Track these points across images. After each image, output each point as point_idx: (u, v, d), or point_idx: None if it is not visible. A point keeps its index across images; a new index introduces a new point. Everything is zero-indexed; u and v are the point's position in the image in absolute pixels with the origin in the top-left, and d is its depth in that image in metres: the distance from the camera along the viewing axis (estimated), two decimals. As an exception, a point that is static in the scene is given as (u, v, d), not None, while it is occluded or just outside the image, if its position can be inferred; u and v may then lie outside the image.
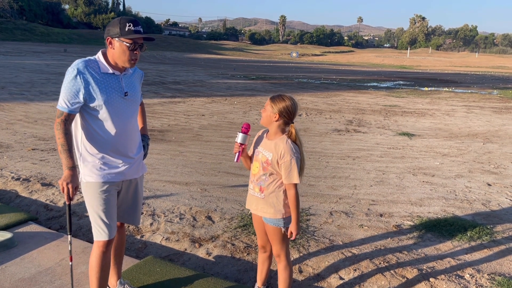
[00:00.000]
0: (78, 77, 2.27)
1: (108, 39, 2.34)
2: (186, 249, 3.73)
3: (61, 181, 2.26)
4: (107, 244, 2.48)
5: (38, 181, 5.22)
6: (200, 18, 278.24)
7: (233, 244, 3.77)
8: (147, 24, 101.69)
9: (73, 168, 2.29)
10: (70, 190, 2.26)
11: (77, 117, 2.41)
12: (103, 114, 2.36)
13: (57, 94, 13.49)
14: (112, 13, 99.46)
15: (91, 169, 2.42)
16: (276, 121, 2.50)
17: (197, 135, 8.67)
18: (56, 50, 45.41)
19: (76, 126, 2.44)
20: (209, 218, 4.36)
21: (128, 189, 2.61)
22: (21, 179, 5.27)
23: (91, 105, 2.33)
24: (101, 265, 2.49)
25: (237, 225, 4.17)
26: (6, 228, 3.80)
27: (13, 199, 4.78)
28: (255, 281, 3.06)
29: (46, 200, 4.72)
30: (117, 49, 2.33)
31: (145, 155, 2.73)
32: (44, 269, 3.18)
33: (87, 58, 2.38)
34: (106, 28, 2.38)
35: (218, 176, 5.83)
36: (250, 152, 2.71)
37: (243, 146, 2.60)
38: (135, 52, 2.35)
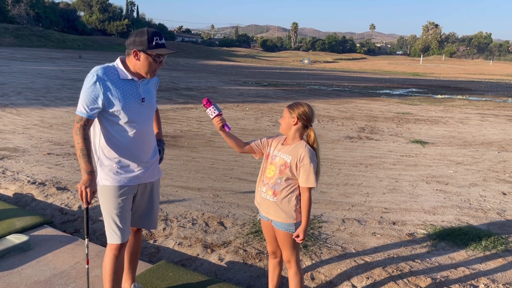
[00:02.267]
0: (97, 83, 2.31)
1: (134, 51, 2.36)
2: (198, 254, 3.75)
3: (79, 185, 2.29)
4: (120, 248, 2.51)
5: (53, 185, 5.30)
6: (212, 25, 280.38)
7: (245, 250, 3.78)
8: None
9: (92, 173, 2.32)
10: (88, 194, 2.28)
11: (95, 122, 2.45)
12: (121, 119, 2.40)
13: (72, 100, 13.71)
14: (126, 20, 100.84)
15: (107, 173, 2.46)
16: (295, 124, 2.55)
17: (209, 141, 8.71)
18: (71, 56, 46.15)
19: (94, 130, 2.48)
20: (221, 223, 4.38)
21: (144, 193, 2.64)
22: (37, 183, 5.36)
23: (110, 110, 2.37)
24: (114, 268, 2.52)
25: (249, 231, 4.18)
26: (22, 231, 3.86)
27: (29, 203, 4.86)
28: (267, 287, 3.06)
29: (61, 204, 4.78)
30: (143, 61, 2.38)
31: (160, 160, 2.76)
32: (59, 272, 3.23)
33: (105, 64, 2.42)
34: (130, 38, 2.39)
35: (230, 182, 5.85)
36: (264, 152, 2.73)
37: (221, 115, 2.69)
38: (159, 64, 2.42)
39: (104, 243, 3.78)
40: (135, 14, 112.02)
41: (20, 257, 3.43)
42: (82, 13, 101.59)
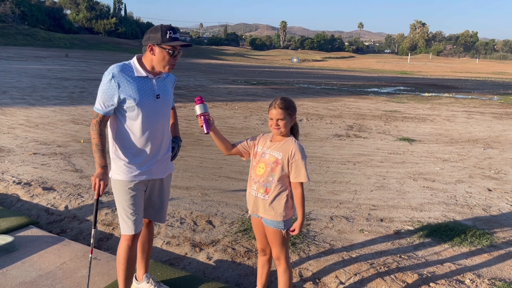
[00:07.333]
0: (113, 80, 2.40)
1: (149, 45, 2.45)
2: (186, 254, 3.74)
3: (93, 178, 2.41)
4: (133, 238, 2.61)
5: (39, 185, 5.23)
6: (201, 24, 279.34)
7: (233, 249, 3.78)
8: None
9: (105, 167, 2.45)
10: (102, 186, 2.41)
11: (111, 116, 2.53)
12: (136, 114, 2.48)
13: (58, 99, 13.57)
14: (114, 19, 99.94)
15: (120, 167, 2.55)
16: (293, 120, 2.60)
17: (197, 140, 8.68)
18: (58, 55, 45.53)
19: (110, 124, 2.56)
20: (210, 222, 4.37)
21: (154, 187, 2.71)
22: (22, 183, 5.29)
23: (125, 106, 2.45)
24: (127, 258, 2.63)
25: (238, 229, 4.18)
26: (7, 232, 3.81)
27: (14, 203, 4.79)
28: (255, 285, 3.06)
29: (47, 204, 4.73)
30: (158, 55, 2.45)
31: (175, 156, 2.82)
32: (45, 273, 3.19)
33: (122, 63, 2.51)
34: (145, 35, 2.49)
35: (218, 180, 5.84)
36: (252, 152, 2.72)
37: (205, 116, 2.65)
38: (174, 58, 2.47)
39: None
40: (122, 12, 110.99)
41: (5, 258, 3.38)
42: (68, 12, 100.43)
